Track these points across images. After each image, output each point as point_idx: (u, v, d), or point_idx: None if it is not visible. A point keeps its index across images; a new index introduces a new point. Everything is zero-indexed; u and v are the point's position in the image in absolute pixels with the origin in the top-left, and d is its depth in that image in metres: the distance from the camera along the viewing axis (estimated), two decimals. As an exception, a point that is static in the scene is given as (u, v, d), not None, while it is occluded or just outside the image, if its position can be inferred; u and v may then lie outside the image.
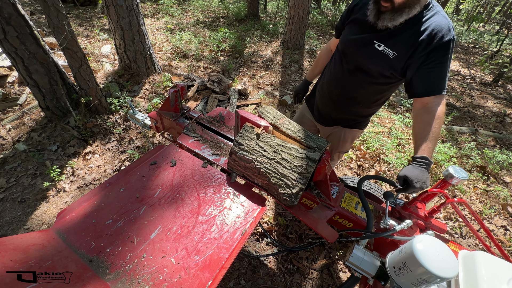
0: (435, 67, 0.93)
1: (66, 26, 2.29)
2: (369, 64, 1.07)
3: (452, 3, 14.31)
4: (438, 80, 0.95)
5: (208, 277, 0.72)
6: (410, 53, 0.96)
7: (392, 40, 0.98)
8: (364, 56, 1.07)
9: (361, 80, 1.15)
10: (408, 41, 0.95)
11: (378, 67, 1.06)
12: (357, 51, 1.09)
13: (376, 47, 1.01)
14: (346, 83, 1.20)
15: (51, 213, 2.04)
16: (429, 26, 0.91)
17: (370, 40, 1.03)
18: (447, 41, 0.90)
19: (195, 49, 4.83)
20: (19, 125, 2.76)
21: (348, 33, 1.13)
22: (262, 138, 1.01)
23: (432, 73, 0.95)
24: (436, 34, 0.90)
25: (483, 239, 0.94)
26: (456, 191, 2.45)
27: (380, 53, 1.01)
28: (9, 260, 0.67)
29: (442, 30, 0.90)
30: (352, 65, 1.14)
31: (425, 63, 0.94)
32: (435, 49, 0.91)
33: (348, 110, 1.32)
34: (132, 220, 0.85)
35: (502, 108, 4.30)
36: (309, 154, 0.94)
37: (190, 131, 1.26)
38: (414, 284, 0.70)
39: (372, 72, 1.09)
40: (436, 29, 0.90)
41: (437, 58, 0.92)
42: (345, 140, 1.48)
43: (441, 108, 0.97)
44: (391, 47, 0.99)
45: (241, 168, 1.00)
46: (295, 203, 0.90)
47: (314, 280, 1.70)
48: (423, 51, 0.93)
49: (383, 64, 1.03)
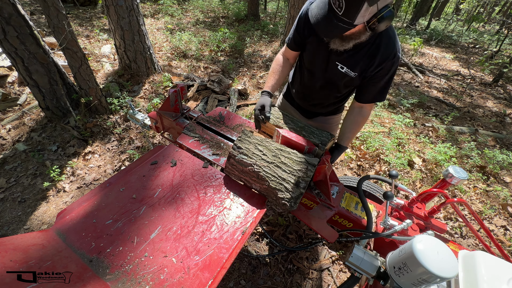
0: (380, 82, 1.12)
1: (66, 26, 2.29)
2: (336, 82, 1.22)
3: (452, 3, 14.31)
4: (381, 93, 1.16)
5: (208, 277, 0.72)
6: (365, 71, 1.11)
7: (351, 62, 1.10)
8: (331, 76, 1.21)
9: (331, 92, 1.30)
10: (364, 63, 1.09)
11: (342, 85, 1.22)
12: (324, 73, 1.22)
13: (340, 69, 1.14)
14: (319, 94, 1.35)
15: (51, 213, 2.04)
16: (379, 50, 1.04)
17: (333, 63, 1.15)
18: (391, 63, 1.06)
19: (195, 49, 4.83)
20: (19, 125, 2.76)
21: (313, 55, 1.23)
22: (262, 142, 1.01)
23: (377, 88, 1.14)
24: (385, 58, 1.05)
25: (483, 239, 0.94)
26: (456, 191, 2.45)
27: (344, 74, 1.14)
28: (9, 260, 0.67)
29: (390, 55, 1.04)
30: (322, 81, 1.26)
31: (373, 79, 1.12)
32: (382, 69, 1.07)
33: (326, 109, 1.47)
34: (132, 220, 0.85)
35: (502, 108, 4.31)
36: (309, 159, 0.94)
37: (190, 131, 1.26)
38: (414, 284, 0.70)
39: (340, 85, 1.23)
40: (385, 54, 1.04)
41: (382, 76, 1.10)
42: (329, 128, 1.56)
43: (370, 113, 1.25)
44: (351, 68, 1.11)
45: (239, 173, 0.99)
46: (294, 207, 0.89)
47: (314, 280, 1.70)
48: (374, 70, 1.09)
49: (347, 83, 1.19)
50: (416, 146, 2.96)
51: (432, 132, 3.32)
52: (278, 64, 1.33)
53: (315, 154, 1.04)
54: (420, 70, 5.56)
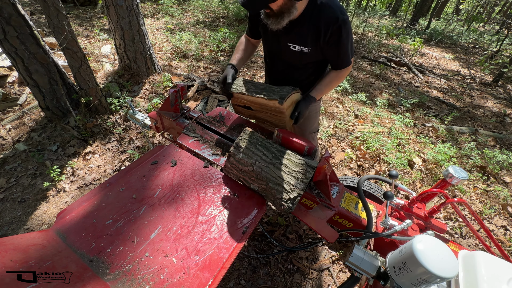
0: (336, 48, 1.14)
1: (66, 26, 2.29)
2: (295, 61, 1.26)
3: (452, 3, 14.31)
4: (342, 57, 1.18)
5: (208, 277, 0.72)
6: (317, 42, 1.14)
7: (300, 38, 1.14)
8: (288, 57, 1.26)
9: (294, 71, 1.34)
10: (312, 35, 1.11)
11: (303, 61, 1.25)
12: (281, 55, 1.28)
13: (293, 49, 1.18)
14: (285, 76, 1.40)
15: (51, 213, 2.04)
16: (321, 18, 1.07)
17: (285, 45, 1.18)
18: (338, 27, 1.07)
19: (195, 49, 4.83)
20: (19, 125, 2.76)
21: (266, 40, 1.30)
22: (262, 142, 1.01)
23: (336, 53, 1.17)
24: (328, 24, 1.07)
25: (483, 239, 0.94)
26: (456, 191, 2.45)
27: (299, 53, 1.18)
28: (9, 260, 0.67)
29: (331, 21, 1.06)
30: (283, 65, 1.33)
31: (330, 47, 1.15)
32: (331, 35, 1.09)
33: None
34: (132, 220, 0.85)
35: (502, 108, 4.31)
36: (308, 161, 0.95)
37: (190, 131, 1.26)
38: (414, 284, 0.70)
39: (301, 65, 1.28)
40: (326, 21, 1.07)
41: (335, 42, 1.12)
42: (309, 116, 1.56)
43: (345, 72, 1.25)
44: (303, 44, 1.15)
45: (238, 172, 0.99)
46: (292, 209, 0.89)
47: (314, 280, 1.70)
48: (324, 39, 1.11)
49: (306, 58, 1.22)
50: (416, 146, 2.96)
51: (432, 132, 3.32)
52: (241, 43, 1.41)
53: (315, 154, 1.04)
54: (420, 70, 5.56)
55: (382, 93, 4.30)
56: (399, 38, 6.46)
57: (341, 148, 2.86)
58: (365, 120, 3.38)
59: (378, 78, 5.02)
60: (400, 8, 13.41)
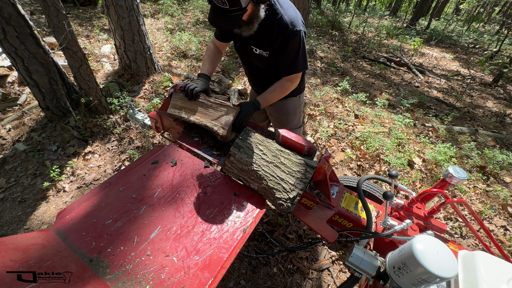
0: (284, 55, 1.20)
1: (66, 26, 2.29)
2: (260, 64, 1.33)
3: (452, 3, 14.32)
4: (289, 65, 1.23)
5: (208, 277, 0.72)
6: (273, 48, 1.20)
7: (259, 43, 1.22)
8: (252, 60, 1.34)
9: (264, 72, 1.41)
10: (268, 41, 1.18)
11: (265, 64, 1.31)
12: (247, 58, 1.37)
13: (254, 52, 1.26)
14: (259, 77, 1.49)
15: (51, 213, 2.04)
16: (274, 27, 1.14)
17: (249, 48, 1.26)
18: (287, 35, 1.13)
19: (195, 49, 4.83)
20: (19, 125, 2.76)
21: (236, 46, 1.39)
22: (262, 142, 1.02)
23: (283, 60, 1.22)
24: (279, 32, 1.14)
25: (483, 239, 0.94)
26: (456, 191, 2.45)
27: (259, 56, 1.26)
28: (9, 260, 0.67)
29: (282, 28, 1.13)
30: (252, 66, 1.41)
31: (280, 53, 1.21)
32: (281, 42, 1.16)
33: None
34: (132, 220, 0.85)
35: (502, 108, 4.31)
36: (308, 161, 0.95)
37: (190, 131, 1.26)
38: (413, 284, 0.70)
39: (264, 67, 1.35)
40: (278, 28, 1.14)
41: (284, 48, 1.18)
42: (287, 112, 1.62)
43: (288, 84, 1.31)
44: (262, 48, 1.23)
45: (238, 171, 0.99)
46: (292, 208, 0.89)
47: (314, 280, 1.70)
48: (276, 45, 1.18)
49: (265, 62, 1.29)
50: (416, 146, 2.96)
51: (432, 132, 3.32)
52: (211, 51, 1.44)
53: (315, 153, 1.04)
54: (420, 70, 5.56)
55: (382, 93, 4.30)
56: (399, 38, 6.47)
57: (341, 148, 2.86)
58: (365, 120, 3.38)
59: (378, 78, 5.02)
60: (400, 8, 13.41)
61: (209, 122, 1.13)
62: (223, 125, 1.11)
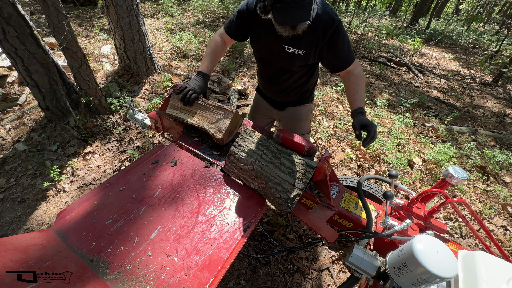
0: (337, 48, 1.17)
1: (66, 26, 2.29)
2: (287, 65, 1.28)
3: (452, 3, 14.32)
4: (346, 55, 1.20)
5: (208, 277, 0.72)
6: (314, 47, 1.17)
7: (296, 42, 1.17)
8: (281, 60, 1.27)
9: (287, 76, 1.36)
10: (308, 40, 1.15)
11: (296, 64, 1.26)
12: (274, 58, 1.29)
13: (287, 51, 1.20)
14: (277, 81, 1.41)
15: (51, 213, 2.04)
16: (318, 24, 1.10)
17: (280, 46, 1.21)
18: (334, 29, 1.11)
19: (195, 49, 4.83)
20: (19, 125, 2.76)
21: (260, 43, 1.30)
22: (263, 142, 1.02)
23: (338, 53, 1.19)
24: (325, 28, 1.11)
25: (483, 239, 0.94)
26: (456, 191, 2.45)
27: (293, 55, 1.21)
28: (9, 260, 0.67)
29: (328, 23, 1.10)
30: (276, 68, 1.34)
31: (330, 49, 1.17)
32: (330, 38, 1.13)
33: (291, 96, 1.50)
34: (132, 220, 0.85)
35: (502, 108, 4.31)
36: (308, 161, 0.95)
37: (190, 131, 1.26)
38: (414, 284, 0.70)
39: (293, 68, 1.30)
40: (324, 24, 1.11)
41: (334, 42, 1.15)
42: (299, 118, 1.60)
43: (359, 69, 1.24)
44: (298, 47, 1.18)
45: (238, 171, 0.99)
46: (291, 208, 0.89)
47: (314, 280, 1.70)
48: (322, 42, 1.15)
49: (299, 61, 1.24)
50: (416, 146, 2.96)
51: (432, 132, 3.32)
52: (216, 45, 1.35)
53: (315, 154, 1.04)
54: (420, 70, 5.56)
55: (382, 93, 4.30)
56: (399, 38, 6.47)
57: (341, 148, 2.86)
58: (365, 120, 3.38)
59: (378, 78, 5.02)
60: (400, 8, 13.41)
61: (206, 125, 1.13)
62: (220, 129, 1.11)
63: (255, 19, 1.20)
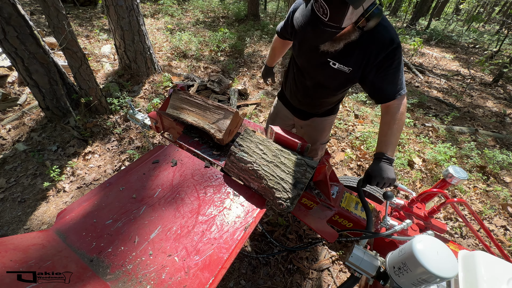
0: (386, 75, 1.01)
1: (66, 26, 2.29)
2: (328, 82, 1.17)
3: (452, 3, 14.32)
4: (392, 87, 1.02)
5: (208, 277, 0.72)
6: (364, 65, 1.03)
7: (345, 58, 1.04)
8: (322, 75, 1.15)
9: (324, 92, 1.26)
10: (359, 57, 1.01)
11: (337, 83, 1.15)
12: (315, 71, 1.17)
13: (332, 66, 1.08)
14: (311, 94, 1.31)
15: (51, 213, 2.04)
16: (374, 41, 0.97)
17: (325, 61, 1.09)
18: (391, 51, 0.97)
19: (195, 49, 4.83)
20: (19, 125, 2.76)
21: (301, 52, 1.18)
22: (263, 142, 1.02)
23: (384, 81, 1.02)
24: (381, 47, 0.97)
25: (483, 239, 0.94)
26: (456, 191, 2.45)
27: (337, 71, 1.08)
28: (9, 260, 0.67)
29: (385, 42, 0.96)
30: (313, 81, 1.24)
31: (378, 73, 1.02)
32: (383, 59, 0.98)
33: (319, 109, 1.44)
34: (132, 220, 0.85)
35: (502, 108, 4.31)
36: (308, 161, 0.95)
37: (190, 131, 1.26)
38: (414, 284, 0.70)
39: (332, 87, 1.19)
40: (380, 42, 0.97)
41: (386, 66, 1.00)
42: (323, 129, 1.55)
43: (400, 110, 1.05)
44: (345, 63, 1.05)
45: (238, 171, 0.99)
46: (291, 208, 0.89)
47: (314, 280, 1.70)
48: (373, 63, 1.00)
49: (342, 79, 1.11)
50: (416, 146, 2.96)
51: (432, 132, 3.32)
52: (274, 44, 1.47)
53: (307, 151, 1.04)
54: (420, 70, 5.56)
55: (382, 93, 4.30)
56: (400, 37, 6.46)
57: (341, 148, 2.86)
58: (365, 120, 3.38)
59: (378, 78, 5.01)
60: (400, 8, 13.41)
61: (207, 125, 1.13)
62: (220, 129, 1.11)
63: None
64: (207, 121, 1.15)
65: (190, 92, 3.35)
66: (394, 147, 1.04)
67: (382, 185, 0.99)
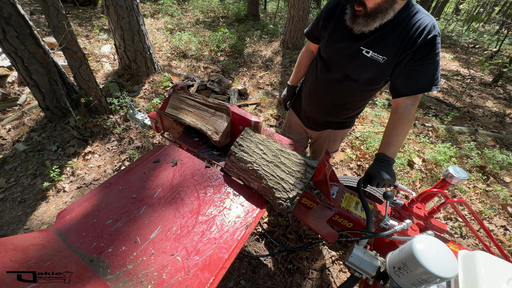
0: (423, 65, 0.91)
1: (66, 26, 2.29)
2: (359, 72, 1.05)
3: (452, 3, 14.32)
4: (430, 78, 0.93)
5: (208, 277, 0.72)
6: (399, 54, 0.94)
7: (380, 44, 0.95)
8: (353, 65, 1.05)
9: (350, 88, 1.13)
10: (396, 43, 0.93)
11: (368, 75, 1.04)
12: (345, 60, 1.06)
13: (365, 54, 0.98)
14: (335, 92, 1.19)
15: (51, 213, 2.04)
16: (414, 25, 0.89)
17: (357, 48, 0.99)
18: (432, 37, 0.88)
19: (195, 49, 4.83)
20: (19, 125, 2.76)
21: (331, 41, 1.09)
22: (263, 142, 1.02)
23: (422, 72, 0.93)
24: (421, 31, 0.88)
25: (483, 239, 0.94)
26: (456, 191, 2.45)
27: (370, 60, 0.98)
28: (9, 260, 0.67)
29: (427, 27, 0.88)
30: (340, 74, 1.11)
31: (412, 61, 0.93)
32: (421, 46, 0.89)
33: (339, 116, 1.32)
34: (132, 220, 0.85)
35: (502, 108, 4.31)
36: (308, 161, 0.95)
37: (190, 131, 1.26)
38: (414, 284, 0.70)
39: (361, 80, 1.07)
40: (421, 26, 0.88)
41: (423, 55, 0.90)
42: (335, 140, 1.51)
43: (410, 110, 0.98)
44: (380, 52, 0.96)
45: (238, 170, 0.99)
46: (291, 208, 0.89)
47: (314, 280, 1.70)
48: (410, 49, 0.91)
49: (374, 71, 1.02)
50: (416, 146, 2.96)
51: (432, 132, 3.32)
52: (300, 57, 1.42)
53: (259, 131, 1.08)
54: (420, 70, 5.55)
55: (381, 93, 4.30)
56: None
57: (341, 148, 2.86)
58: (365, 120, 3.38)
59: (378, 78, 5.01)
60: (400, 8, 13.38)
61: (204, 126, 1.13)
62: (217, 131, 1.11)
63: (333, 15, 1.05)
64: (205, 122, 1.15)
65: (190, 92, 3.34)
66: (397, 148, 0.99)
67: (382, 185, 0.98)
